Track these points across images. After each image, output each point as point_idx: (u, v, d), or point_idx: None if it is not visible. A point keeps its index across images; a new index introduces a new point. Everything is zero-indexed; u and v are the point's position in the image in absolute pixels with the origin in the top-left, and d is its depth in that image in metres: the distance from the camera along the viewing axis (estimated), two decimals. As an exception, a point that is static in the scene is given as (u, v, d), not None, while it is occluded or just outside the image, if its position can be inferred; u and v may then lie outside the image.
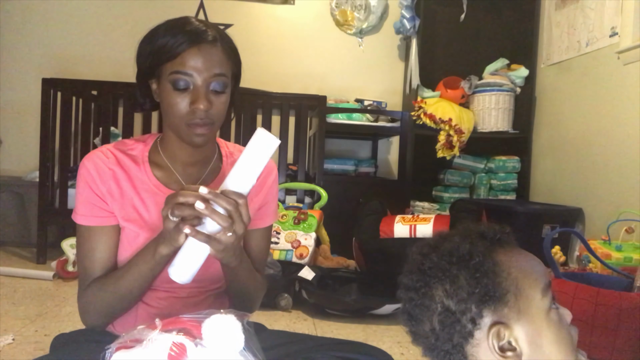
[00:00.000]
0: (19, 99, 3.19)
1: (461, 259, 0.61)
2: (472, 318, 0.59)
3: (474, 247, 0.61)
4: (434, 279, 0.62)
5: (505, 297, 0.59)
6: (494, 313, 0.59)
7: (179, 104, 0.85)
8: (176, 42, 0.84)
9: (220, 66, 0.86)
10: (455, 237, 0.64)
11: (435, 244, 0.65)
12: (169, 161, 0.95)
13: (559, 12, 2.84)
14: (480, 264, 0.60)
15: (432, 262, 0.62)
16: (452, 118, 2.82)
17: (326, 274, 2.23)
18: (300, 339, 0.97)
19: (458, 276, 0.60)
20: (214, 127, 0.89)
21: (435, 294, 0.61)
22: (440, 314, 0.61)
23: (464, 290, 0.59)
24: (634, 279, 1.55)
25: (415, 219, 2.23)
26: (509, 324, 0.59)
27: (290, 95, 2.91)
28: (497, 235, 0.64)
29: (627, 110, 2.26)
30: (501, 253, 0.62)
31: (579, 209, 2.54)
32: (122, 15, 3.25)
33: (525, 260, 0.63)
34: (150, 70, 0.89)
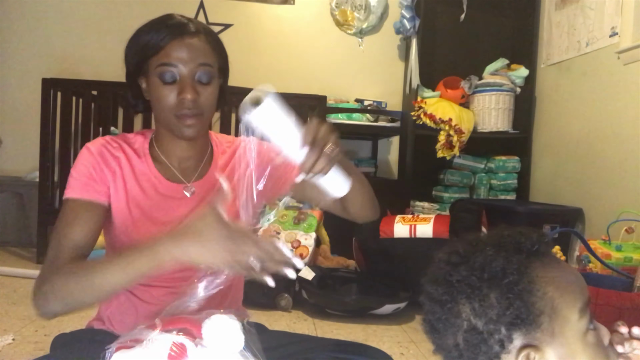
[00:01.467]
0: (19, 99, 3.19)
1: (493, 276, 0.55)
2: (501, 340, 0.54)
3: (509, 263, 0.55)
4: (461, 294, 0.56)
5: (539, 319, 0.54)
6: (525, 336, 0.54)
7: (167, 96, 0.86)
8: (160, 36, 0.86)
9: (205, 56, 0.88)
10: (488, 247, 0.57)
11: (466, 254, 0.58)
12: (164, 156, 0.96)
13: (559, 12, 2.84)
14: (514, 283, 0.54)
15: (461, 275, 0.56)
16: (452, 118, 2.82)
17: (326, 274, 2.23)
18: (300, 339, 0.97)
19: (488, 295, 0.55)
20: (203, 118, 0.89)
21: (462, 311, 0.56)
22: (466, 332, 0.56)
23: (494, 310, 0.54)
24: (634, 279, 1.55)
25: (415, 219, 2.23)
26: (540, 347, 0.54)
27: (290, 95, 2.91)
28: (535, 246, 0.57)
29: (627, 110, 2.26)
30: (538, 267, 0.56)
31: (579, 209, 2.54)
32: (123, 15, 3.25)
33: (563, 276, 0.56)
34: (138, 67, 0.90)
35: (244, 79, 3.43)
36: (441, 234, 2.13)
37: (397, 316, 2.06)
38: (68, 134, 2.72)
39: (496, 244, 0.58)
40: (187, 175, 0.96)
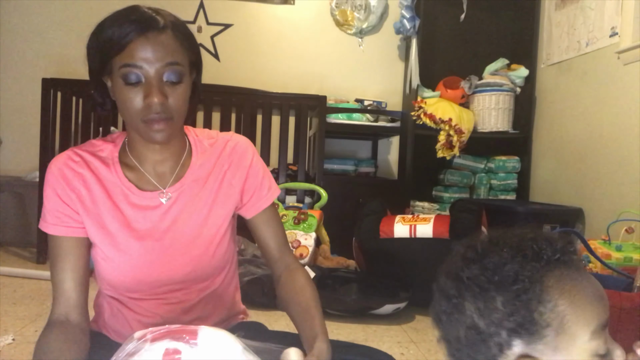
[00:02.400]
0: (19, 99, 3.19)
1: (504, 280, 0.53)
2: (500, 344, 0.53)
3: (522, 269, 0.53)
4: (469, 292, 0.55)
5: (544, 332, 0.51)
6: (526, 345, 0.52)
7: (132, 99, 0.79)
8: (122, 33, 0.78)
9: (173, 54, 0.79)
10: (506, 249, 0.55)
11: (482, 252, 0.56)
12: (137, 162, 0.89)
13: (559, 12, 2.84)
14: (523, 291, 0.52)
15: (472, 273, 0.55)
16: (452, 118, 2.82)
17: (326, 274, 2.23)
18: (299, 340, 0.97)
19: (495, 298, 0.53)
20: (174, 121, 0.82)
21: (467, 308, 0.55)
22: (468, 329, 0.55)
23: (498, 314, 0.53)
24: (634, 279, 1.55)
25: (415, 219, 2.23)
26: (540, 359, 0.52)
27: (290, 95, 2.91)
28: (557, 255, 0.54)
29: (627, 110, 2.26)
30: (554, 277, 0.52)
31: (579, 209, 2.54)
32: (122, 15, 3.25)
33: (582, 291, 0.52)
34: (101, 66, 0.82)
35: (244, 79, 3.44)
36: (441, 234, 2.12)
37: (397, 316, 2.06)
38: (68, 134, 2.72)
39: (516, 246, 0.55)
40: (163, 180, 0.90)
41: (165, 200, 0.88)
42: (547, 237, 0.55)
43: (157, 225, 0.88)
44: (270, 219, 0.97)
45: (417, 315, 2.10)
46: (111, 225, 0.86)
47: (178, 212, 0.89)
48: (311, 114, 3.14)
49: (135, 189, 0.88)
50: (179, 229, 0.89)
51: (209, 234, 0.91)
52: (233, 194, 0.93)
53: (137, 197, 0.88)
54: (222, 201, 0.93)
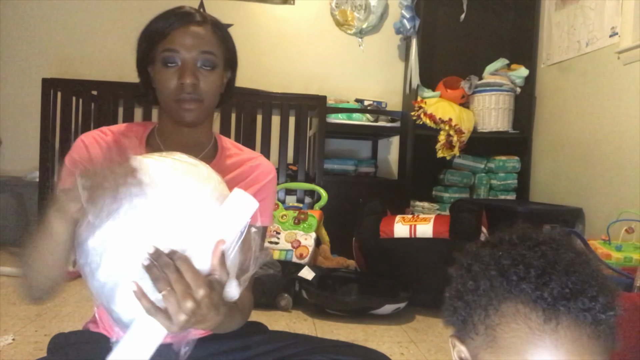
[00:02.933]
0: (19, 99, 3.19)
1: (478, 274, 0.52)
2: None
3: (494, 281, 0.50)
4: (461, 270, 0.56)
5: (472, 333, 0.52)
6: (459, 328, 0.54)
7: (168, 80, 0.89)
8: (167, 23, 0.89)
9: (209, 45, 0.90)
10: (519, 255, 0.51)
11: (493, 247, 0.54)
12: (162, 144, 0.96)
13: (559, 12, 2.84)
14: (481, 292, 0.51)
15: (476, 260, 0.54)
16: (452, 118, 2.82)
17: (326, 274, 2.23)
18: (300, 340, 0.97)
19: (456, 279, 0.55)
20: (203, 105, 0.91)
21: (457, 279, 0.56)
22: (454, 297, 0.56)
23: (469, 296, 0.53)
24: (634, 279, 1.55)
25: (415, 219, 2.23)
26: (464, 340, 0.54)
27: (290, 95, 2.92)
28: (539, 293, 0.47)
29: (627, 110, 2.26)
30: (514, 309, 0.48)
31: (579, 209, 2.54)
32: (122, 15, 3.25)
33: (525, 342, 0.47)
34: (146, 55, 0.93)
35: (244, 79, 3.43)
36: (441, 234, 2.13)
37: (397, 316, 2.06)
38: (68, 134, 2.72)
39: (512, 256, 0.51)
40: None
41: None
42: (560, 269, 0.49)
43: None
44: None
45: (417, 315, 2.10)
46: None
47: None
48: (311, 114, 3.14)
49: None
50: None
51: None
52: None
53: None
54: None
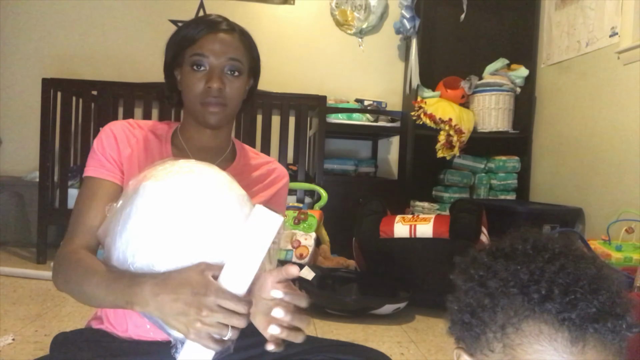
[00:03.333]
0: (19, 99, 3.19)
1: (494, 292, 0.49)
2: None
3: (521, 300, 0.47)
4: (470, 281, 0.53)
5: (486, 349, 0.49)
6: (469, 343, 0.52)
7: (195, 83, 0.92)
8: (196, 29, 0.93)
9: (235, 52, 0.94)
10: (521, 271, 0.48)
11: (507, 251, 0.52)
12: (186, 145, 0.99)
13: (559, 12, 2.84)
14: (500, 309, 0.48)
15: (485, 269, 0.51)
16: (452, 118, 2.82)
17: (326, 274, 2.23)
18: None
19: (465, 290, 0.52)
20: (227, 109, 0.94)
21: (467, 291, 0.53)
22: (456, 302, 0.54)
23: (482, 301, 0.50)
24: (634, 279, 1.55)
25: (415, 219, 2.23)
26: (473, 355, 0.51)
27: (290, 95, 2.91)
28: (569, 314, 0.45)
29: (627, 110, 2.26)
30: (538, 329, 0.46)
31: (579, 209, 2.54)
32: (122, 15, 3.25)
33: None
34: (174, 59, 0.96)
35: (244, 79, 3.44)
36: (441, 234, 2.12)
37: (397, 316, 2.06)
38: (68, 134, 2.72)
39: (530, 270, 0.49)
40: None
41: None
42: (584, 287, 0.46)
43: None
44: None
45: (417, 315, 2.10)
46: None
47: None
48: (311, 114, 3.14)
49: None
50: None
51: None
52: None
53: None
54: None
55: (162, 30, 3.23)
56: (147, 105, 2.81)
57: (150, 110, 2.87)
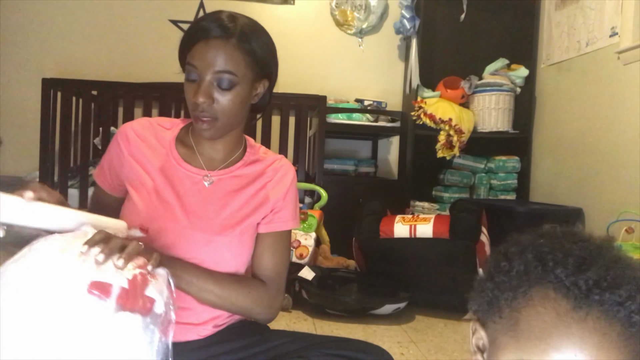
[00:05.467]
0: (19, 99, 3.19)
1: (510, 257, 0.51)
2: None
3: (528, 267, 0.49)
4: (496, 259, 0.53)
5: (496, 316, 0.50)
6: (483, 311, 0.53)
7: (188, 93, 0.89)
8: (193, 34, 0.88)
9: (227, 63, 0.86)
10: (543, 244, 0.50)
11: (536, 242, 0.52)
12: (194, 143, 0.98)
13: (559, 12, 2.84)
14: (513, 276, 0.50)
15: (514, 246, 0.52)
16: (452, 118, 2.82)
17: (326, 274, 2.23)
18: (298, 337, 0.97)
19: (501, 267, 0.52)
20: (218, 122, 0.89)
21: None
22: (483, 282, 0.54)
23: (500, 277, 0.51)
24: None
25: (415, 219, 2.23)
26: (485, 325, 0.52)
27: (290, 95, 2.91)
28: (572, 279, 0.46)
29: (627, 110, 2.26)
30: (544, 294, 0.47)
31: (579, 209, 2.54)
32: (122, 15, 3.25)
33: (550, 327, 0.45)
34: (181, 59, 0.93)
35: (244, 79, 3.43)
36: (441, 234, 2.12)
37: (397, 316, 2.06)
38: (68, 134, 2.72)
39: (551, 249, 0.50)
40: (211, 166, 0.98)
41: (208, 184, 0.96)
42: (600, 263, 0.47)
43: (188, 199, 0.94)
44: (279, 244, 0.99)
45: (417, 315, 2.10)
46: (146, 184, 0.94)
47: (214, 196, 0.95)
48: (311, 114, 3.14)
49: (182, 161, 0.96)
50: (208, 210, 0.94)
51: (233, 224, 0.95)
52: (266, 204, 0.98)
53: (181, 168, 0.95)
54: (255, 205, 0.97)
55: (162, 30, 3.23)
56: (147, 105, 2.81)
57: (150, 110, 2.87)
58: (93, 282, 0.61)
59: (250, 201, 0.97)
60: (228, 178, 0.97)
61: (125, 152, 0.96)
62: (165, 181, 0.94)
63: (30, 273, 0.62)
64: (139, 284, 0.65)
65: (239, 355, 0.92)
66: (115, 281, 0.63)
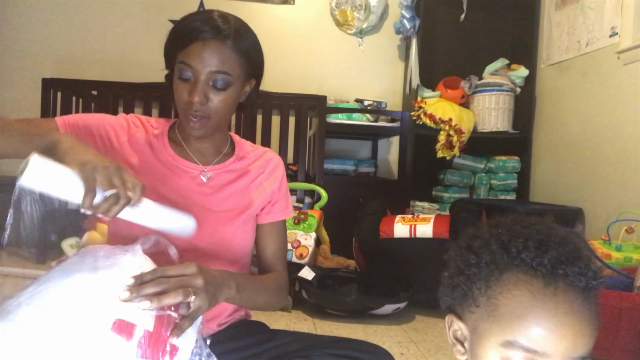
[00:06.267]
0: (19, 99, 3.19)
1: (478, 248, 0.57)
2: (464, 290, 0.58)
3: (494, 255, 0.55)
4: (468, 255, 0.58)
5: (473, 306, 0.55)
6: (458, 303, 0.58)
7: (180, 92, 0.89)
8: (188, 33, 0.87)
9: (224, 64, 0.87)
10: (502, 233, 0.56)
11: (502, 228, 0.58)
12: (183, 141, 0.99)
13: (559, 12, 2.84)
14: (483, 264, 0.55)
15: (480, 239, 0.58)
16: (452, 118, 2.82)
17: (326, 274, 2.23)
18: (300, 337, 0.97)
19: (469, 260, 0.57)
20: (210, 122, 0.90)
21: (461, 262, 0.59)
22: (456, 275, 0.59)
23: (471, 269, 0.57)
24: (634, 279, 1.55)
25: (415, 219, 2.23)
26: (462, 319, 0.58)
27: (290, 95, 2.91)
28: (537, 261, 0.52)
29: (627, 110, 2.26)
30: (515, 278, 0.53)
31: (579, 209, 2.54)
32: (122, 15, 3.25)
33: (527, 307, 0.51)
34: (169, 55, 0.93)
35: (244, 79, 3.43)
36: (441, 234, 2.12)
37: (397, 316, 2.06)
38: (68, 134, 2.72)
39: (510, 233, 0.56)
40: (204, 161, 0.99)
41: (205, 179, 0.97)
42: (555, 241, 0.54)
43: (189, 193, 0.94)
44: (279, 232, 1.05)
45: (417, 315, 2.10)
46: (143, 180, 0.91)
47: (213, 189, 0.97)
48: (311, 114, 3.14)
49: (178, 158, 0.97)
50: (210, 202, 0.95)
51: (236, 215, 0.97)
52: (263, 195, 1.01)
53: (178, 164, 0.96)
54: (252, 197, 1.00)
55: (162, 30, 3.21)
56: (147, 105, 2.82)
57: (150, 110, 2.88)
58: (118, 320, 0.61)
59: (247, 192, 1.00)
60: (223, 172, 1.00)
61: (125, 137, 0.95)
62: (164, 177, 0.95)
63: (58, 298, 0.61)
64: (164, 327, 0.63)
65: (241, 355, 0.93)
66: (140, 322, 0.62)
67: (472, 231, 0.61)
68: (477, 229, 0.60)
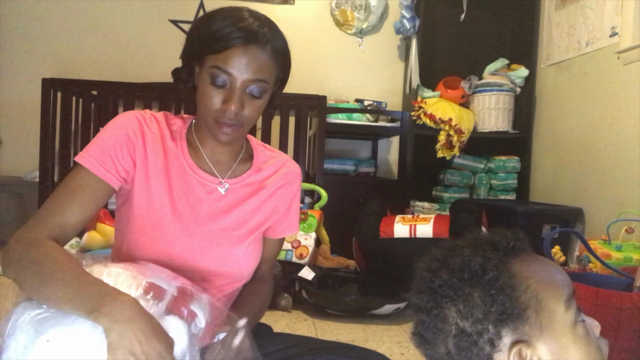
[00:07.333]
0: (19, 99, 3.19)
1: (474, 274, 0.55)
2: (491, 340, 0.54)
3: (487, 260, 0.56)
4: (445, 298, 0.57)
5: (525, 313, 0.53)
6: (513, 332, 0.53)
7: (212, 98, 0.83)
8: (225, 37, 0.80)
9: (262, 72, 0.83)
10: (465, 249, 0.58)
11: (444, 258, 0.60)
12: (200, 144, 0.93)
13: (559, 12, 2.84)
14: (495, 279, 0.54)
15: (442, 279, 0.57)
16: (452, 118, 2.82)
17: (326, 274, 2.23)
18: (301, 341, 0.97)
19: (472, 294, 0.55)
20: (243, 129, 0.87)
21: (449, 315, 0.56)
22: (455, 337, 0.56)
23: (479, 309, 0.54)
24: (634, 279, 1.55)
25: (415, 219, 2.23)
26: (531, 342, 0.53)
27: (290, 95, 2.91)
28: (511, 243, 0.58)
29: (627, 110, 2.26)
30: (517, 263, 0.56)
31: (579, 209, 2.54)
32: (122, 15, 3.25)
33: (544, 269, 0.57)
34: (195, 54, 0.85)
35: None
36: (441, 234, 2.13)
37: (397, 316, 2.06)
38: (68, 134, 2.72)
39: (472, 245, 0.59)
40: (219, 168, 0.94)
41: (223, 190, 0.93)
42: (496, 232, 0.60)
43: (204, 210, 0.90)
44: (279, 244, 1.06)
45: (417, 315, 2.10)
46: (157, 195, 0.87)
47: (229, 206, 0.93)
48: (311, 114, 3.14)
49: (194, 167, 0.91)
50: (224, 221, 0.92)
51: (248, 233, 0.94)
52: (275, 215, 0.99)
53: (196, 175, 0.90)
54: (265, 215, 0.97)
55: (162, 30, 3.23)
56: (147, 105, 2.82)
57: (150, 106, 2.87)
58: (149, 282, 0.66)
59: (260, 209, 0.96)
60: (240, 187, 0.95)
61: (140, 143, 0.87)
62: (178, 190, 0.89)
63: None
64: (187, 296, 0.69)
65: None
66: (168, 288, 0.68)
67: (458, 259, 0.59)
68: (453, 257, 0.60)
